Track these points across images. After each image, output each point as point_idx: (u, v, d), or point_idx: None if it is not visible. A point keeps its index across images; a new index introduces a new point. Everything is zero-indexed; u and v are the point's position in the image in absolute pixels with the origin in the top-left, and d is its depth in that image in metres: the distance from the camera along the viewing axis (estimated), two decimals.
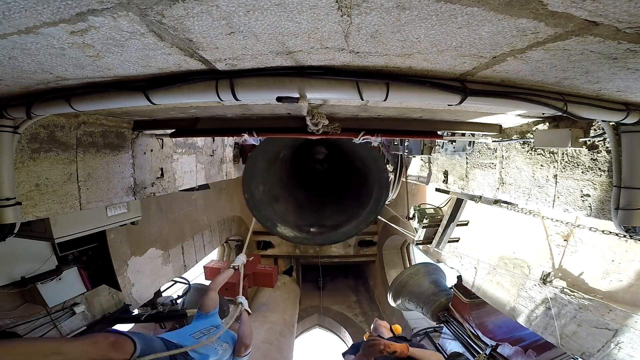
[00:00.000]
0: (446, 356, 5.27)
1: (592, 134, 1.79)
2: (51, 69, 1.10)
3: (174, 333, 2.50)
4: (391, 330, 3.04)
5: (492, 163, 2.62)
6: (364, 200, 2.43)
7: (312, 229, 2.55)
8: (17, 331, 2.66)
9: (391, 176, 4.22)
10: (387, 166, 4.41)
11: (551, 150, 2.07)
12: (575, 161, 1.92)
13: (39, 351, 1.52)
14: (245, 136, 2.22)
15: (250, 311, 2.92)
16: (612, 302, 2.45)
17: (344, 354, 2.89)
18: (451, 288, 5.32)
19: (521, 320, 3.35)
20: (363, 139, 2.33)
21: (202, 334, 2.50)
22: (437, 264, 6.07)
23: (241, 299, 2.93)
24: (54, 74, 1.16)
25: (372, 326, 3.15)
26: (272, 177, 2.43)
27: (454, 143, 2.89)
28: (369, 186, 2.44)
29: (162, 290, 4.74)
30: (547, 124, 2.05)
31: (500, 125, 2.46)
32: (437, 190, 3.72)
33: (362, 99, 1.20)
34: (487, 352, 4.31)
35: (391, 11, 0.75)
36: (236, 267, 3.31)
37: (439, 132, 2.56)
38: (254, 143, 3.24)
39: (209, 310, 2.74)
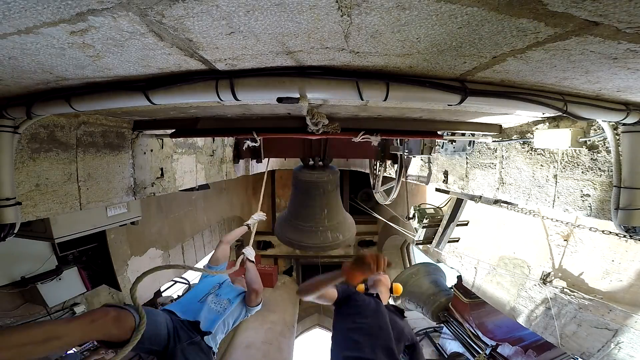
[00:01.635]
0: (446, 356, 5.28)
1: (592, 134, 1.79)
2: (51, 69, 1.10)
3: (180, 302, 2.47)
4: (391, 290, 2.47)
5: (492, 163, 2.62)
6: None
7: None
8: None
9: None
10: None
11: (551, 150, 2.07)
12: (575, 161, 1.92)
13: (32, 339, 1.36)
14: (247, 142, 2.24)
15: (253, 260, 2.85)
16: (612, 302, 2.45)
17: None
18: (451, 288, 5.33)
19: (521, 320, 3.35)
20: (363, 139, 2.33)
21: (210, 294, 2.50)
22: (437, 264, 6.07)
23: (246, 249, 2.91)
24: (54, 74, 1.16)
25: (369, 279, 2.48)
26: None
27: (454, 143, 2.89)
28: None
29: (162, 290, 4.74)
30: (547, 124, 2.05)
31: (500, 125, 2.46)
32: (437, 190, 3.72)
33: (362, 99, 1.20)
34: (487, 352, 4.32)
35: (391, 11, 0.75)
36: (249, 225, 3.36)
37: (439, 132, 2.56)
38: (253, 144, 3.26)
39: (218, 263, 2.75)
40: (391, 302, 2.89)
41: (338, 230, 3.04)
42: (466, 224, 4.45)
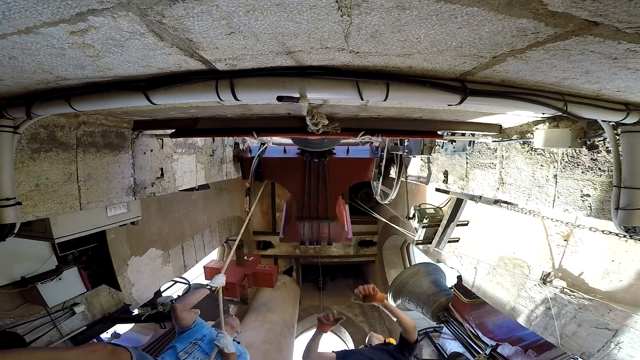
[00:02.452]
0: (446, 356, 5.28)
1: (592, 134, 1.79)
2: (51, 69, 1.10)
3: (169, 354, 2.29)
4: (385, 342, 3.10)
5: (492, 163, 2.61)
6: None
7: None
8: (16, 331, 2.66)
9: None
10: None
11: (551, 150, 2.07)
12: (575, 161, 1.92)
13: None
14: (248, 141, 2.23)
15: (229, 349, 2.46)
16: (612, 302, 2.45)
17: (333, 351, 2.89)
18: (451, 288, 5.32)
19: (521, 320, 3.34)
20: (363, 139, 2.33)
21: (187, 353, 2.27)
22: (437, 264, 6.07)
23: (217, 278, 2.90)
24: (54, 74, 1.16)
25: (367, 339, 3.26)
26: None
27: (454, 143, 2.89)
28: None
29: (162, 290, 4.74)
30: (547, 124, 2.05)
31: (500, 125, 2.46)
32: (437, 190, 3.72)
33: (362, 99, 1.20)
34: (487, 352, 4.31)
35: (391, 11, 0.75)
36: (212, 289, 2.88)
37: (439, 132, 2.56)
38: (252, 156, 3.26)
39: (188, 324, 2.44)
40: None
41: None
42: (466, 224, 4.45)
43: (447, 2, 0.71)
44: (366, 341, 3.27)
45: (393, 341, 3.17)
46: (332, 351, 2.81)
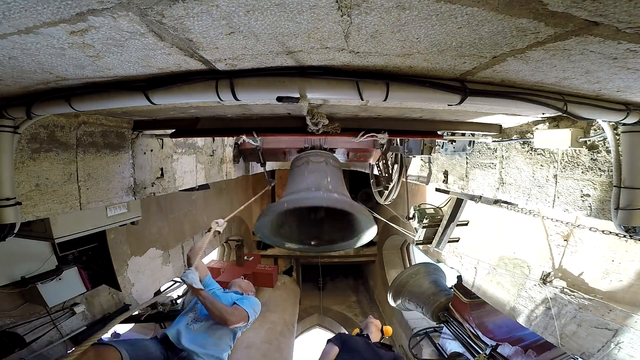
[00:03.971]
0: (446, 356, 5.27)
1: (592, 134, 1.79)
2: (51, 69, 1.10)
3: (172, 325, 2.45)
4: (381, 331, 3.01)
5: (492, 163, 2.61)
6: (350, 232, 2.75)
7: (312, 242, 2.70)
8: (16, 331, 2.66)
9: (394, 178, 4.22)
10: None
11: (551, 150, 2.07)
12: (575, 161, 1.92)
13: None
14: (244, 137, 2.24)
15: (197, 287, 2.41)
16: (612, 302, 2.45)
17: (329, 340, 2.75)
18: (451, 288, 5.32)
19: (521, 320, 3.34)
20: (363, 139, 2.33)
21: (191, 311, 2.48)
22: (437, 264, 6.06)
23: (185, 274, 2.48)
24: (54, 74, 1.16)
25: (363, 322, 3.14)
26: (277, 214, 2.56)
27: (454, 143, 2.89)
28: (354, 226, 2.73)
29: (162, 290, 4.74)
30: (547, 124, 2.05)
31: (500, 125, 2.46)
32: (437, 190, 3.72)
33: (362, 99, 1.20)
34: (487, 352, 4.31)
35: (391, 11, 0.75)
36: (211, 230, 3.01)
37: (439, 132, 2.56)
38: (253, 144, 3.27)
39: (201, 279, 2.59)
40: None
41: (345, 195, 2.56)
42: (466, 224, 4.45)
43: (447, 2, 0.71)
44: (362, 325, 3.06)
45: (390, 331, 3.11)
46: (331, 342, 2.62)
